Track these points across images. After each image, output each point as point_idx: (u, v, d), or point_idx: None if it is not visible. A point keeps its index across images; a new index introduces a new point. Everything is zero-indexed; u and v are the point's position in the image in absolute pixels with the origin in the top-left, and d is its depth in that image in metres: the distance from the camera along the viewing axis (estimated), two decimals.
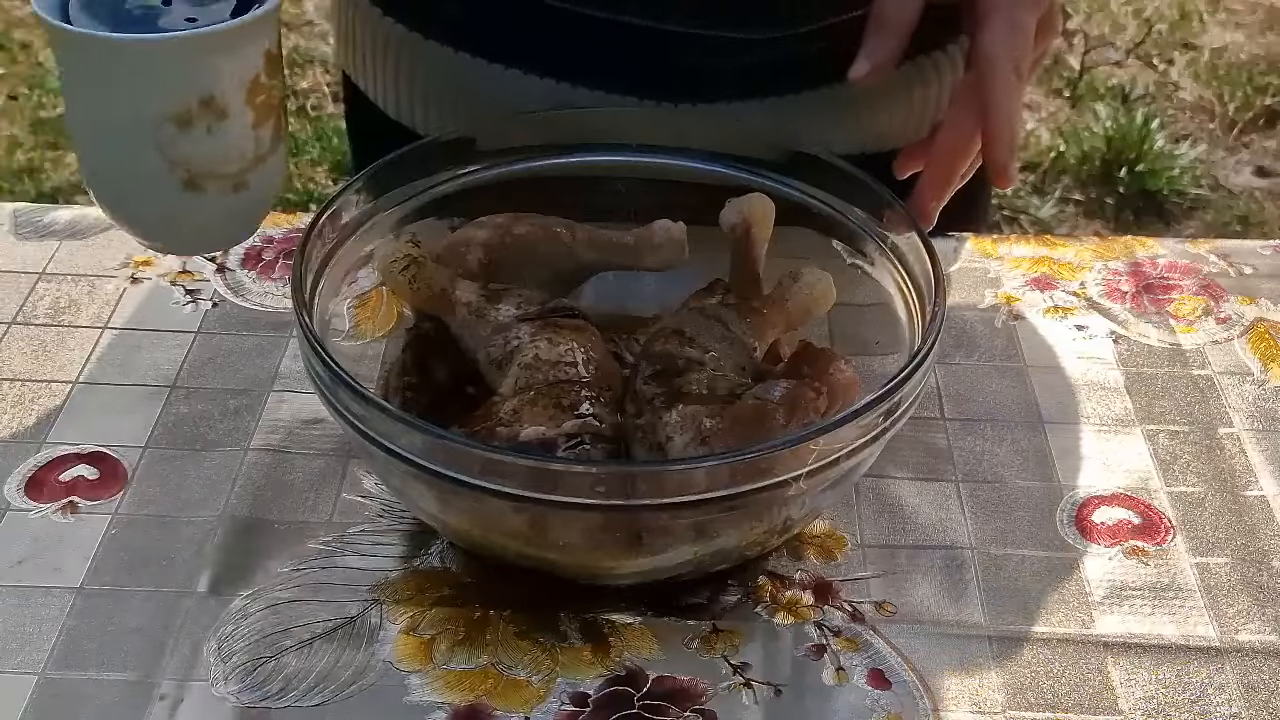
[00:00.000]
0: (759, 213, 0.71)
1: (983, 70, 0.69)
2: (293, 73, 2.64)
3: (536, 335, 0.65)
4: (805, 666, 0.61)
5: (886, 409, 0.59)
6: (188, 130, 0.58)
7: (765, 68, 0.82)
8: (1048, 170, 2.43)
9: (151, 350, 0.76)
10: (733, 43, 0.81)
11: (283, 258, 0.83)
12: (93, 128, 0.60)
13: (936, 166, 0.72)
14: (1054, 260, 0.85)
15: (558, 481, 0.57)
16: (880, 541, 0.67)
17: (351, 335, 0.73)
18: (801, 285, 0.68)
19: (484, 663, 0.61)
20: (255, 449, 0.70)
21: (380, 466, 0.63)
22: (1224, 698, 0.60)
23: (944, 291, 0.64)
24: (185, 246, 0.66)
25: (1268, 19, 2.87)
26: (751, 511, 0.60)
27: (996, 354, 0.78)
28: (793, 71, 0.83)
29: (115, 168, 0.61)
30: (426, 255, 0.68)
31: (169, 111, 0.59)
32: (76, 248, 0.84)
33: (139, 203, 0.62)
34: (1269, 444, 0.73)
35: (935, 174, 0.72)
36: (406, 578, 0.64)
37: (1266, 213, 2.39)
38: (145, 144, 0.59)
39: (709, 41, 0.81)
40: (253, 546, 0.65)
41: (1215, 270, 0.85)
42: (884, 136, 0.86)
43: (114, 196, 0.63)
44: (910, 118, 0.86)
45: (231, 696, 0.59)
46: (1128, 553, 0.67)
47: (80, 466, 0.69)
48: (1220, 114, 2.59)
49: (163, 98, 0.58)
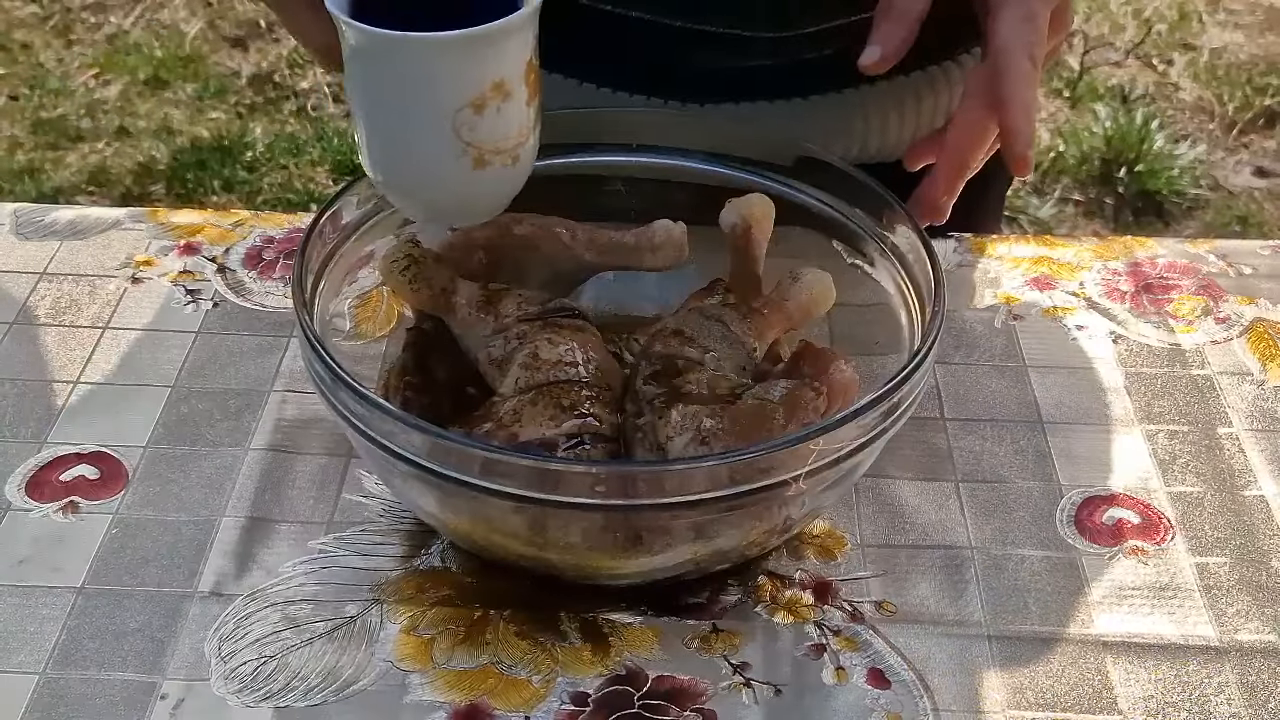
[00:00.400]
0: (759, 213, 0.71)
1: (998, 62, 0.67)
2: (293, 73, 2.64)
3: (536, 335, 0.65)
4: (805, 666, 0.61)
5: (886, 409, 0.59)
6: (481, 114, 0.60)
7: (772, 70, 0.82)
8: (1047, 170, 2.43)
9: (152, 350, 0.76)
10: (739, 40, 0.81)
11: (283, 258, 0.83)
12: (392, 119, 0.61)
13: (949, 160, 0.70)
14: (1053, 260, 0.85)
15: (558, 481, 0.57)
16: (880, 541, 0.67)
17: (352, 335, 0.74)
18: (801, 285, 0.68)
19: (484, 663, 0.61)
20: (255, 449, 0.71)
21: (380, 466, 0.63)
22: (1223, 698, 0.60)
23: (944, 291, 0.64)
24: (465, 219, 0.68)
25: (1268, 19, 2.87)
26: (751, 511, 0.60)
27: (996, 354, 0.78)
28: (799, 75, 0.83)
29: (412, 155, 0.62)
30: (426, 255, 0.68)
31: (469, 98, 0.60)
32: (77, 248, 0.84)
33: (434, 186, 0.63)
34: (1268, 444, 0.73)
35: (948, 167, 0.70)
36: (406, 578, 0.64)
37: (1266, 213, 2.38)
38: (445, 131, 0.60)
39: (716, 39, 0.81)
40: (253, 546, 0.65)
41: (1214, 270, 0.85)
42: (891, 146, 0.86)
43: (408, 182, 0.64)
44: (919, 128, 0.86)
45: (232, 696, 0.59)
46: (1127, 553, 0.67)
47: (81, 466, 0.69)
48: (1220, 114, 2.59)
49: (466, 87, 0.60)
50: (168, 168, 2.38)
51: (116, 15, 2.79)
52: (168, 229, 0.86)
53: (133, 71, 2.61)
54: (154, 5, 2.82)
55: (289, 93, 2.59)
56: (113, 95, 2.56)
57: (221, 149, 2.41)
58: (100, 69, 2.63)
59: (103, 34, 2.74)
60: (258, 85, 2.61)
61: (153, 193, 2.33)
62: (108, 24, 2.76)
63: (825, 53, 0.81)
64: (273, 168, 2.40)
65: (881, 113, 0.84)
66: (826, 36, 0.81)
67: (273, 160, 2.41)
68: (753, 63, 0.81)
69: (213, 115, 2.52)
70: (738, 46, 0.81)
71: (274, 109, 2.55)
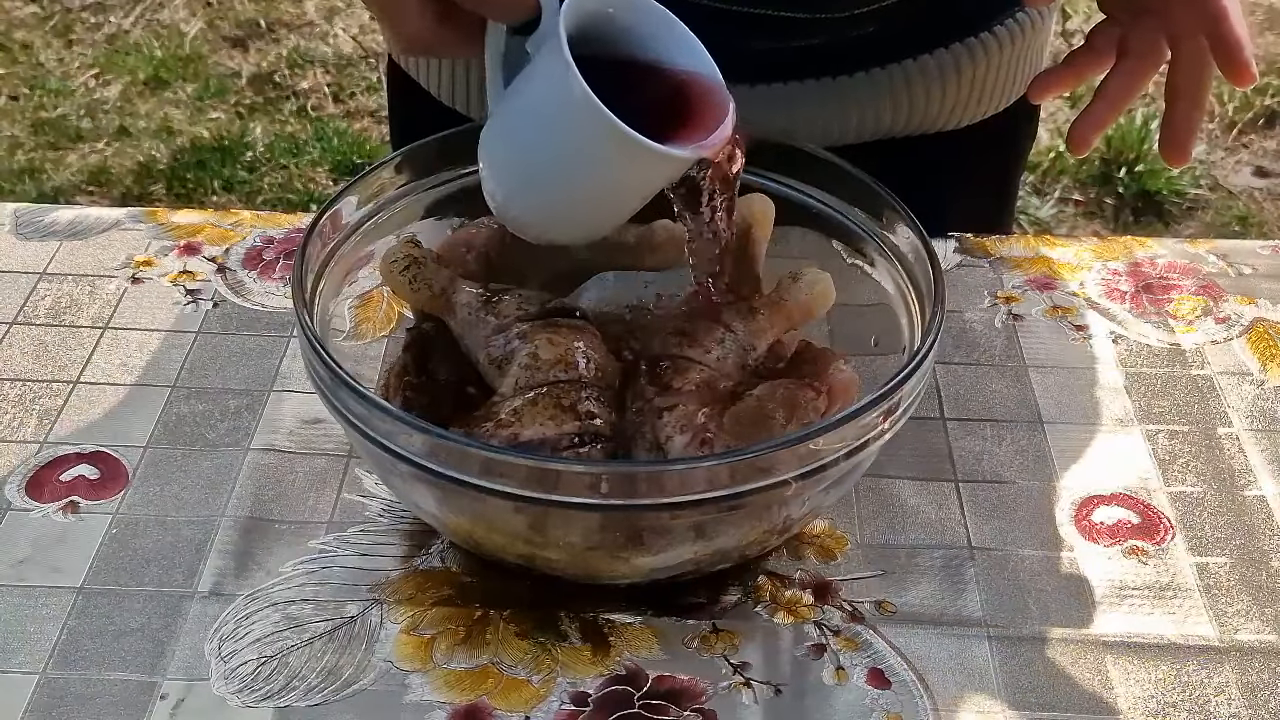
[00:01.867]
0: (759, 213, 0.71)
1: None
2: (293, 73, 2.64)
3: (536, 335, 0.65)
4: (805, 666, 0.61)
5: (886, 409, 0.59)
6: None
7: (812, 50, 0.83)
8: (1047, 170, 2.43)
9: (152, 350, 0.76)
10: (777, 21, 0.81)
11: (283, 258, 0.83)
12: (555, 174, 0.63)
13: (1108, 101, 0.73)
14: (1054, 260, 0.85)
15: (558, 481, 0.57)
16: (880, 541, 0.67)
17: (352, 335, 0.74)
18: (801, 285, 0.68)
19: (484, 663, 0.61)
20: (255, 449, 0.71)
21: (380, 466, 0.63)
22: (1224, 698, 0.60)
23: (944, 291, 0.64)
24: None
25: (1268, 19, 2.87)
26: (751, 511, 0.60)
27: (996, 354, 0.78)
28: (840, 55, 0.83)
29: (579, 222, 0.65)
30: (426, 255, 0.68)
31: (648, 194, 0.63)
32: (77, 248, 0.84)
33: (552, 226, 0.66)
34: (1268, 444, 0.73)
35: (1105, 107, 0.73)
36: (406, 578, 0.64)
37: (1266, 213, 2.38)
38: (624, 213, 0.64)
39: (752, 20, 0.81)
40: (253, 546, 0.65)
41: (1214, 270, 0.85)
42: (930, 118, 0.88)
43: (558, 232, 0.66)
44: (959, 100, 0.88)
45: (232, 696, 0.59)
46: (1127, 552, 0.67)
47: (81, 466, 0.69)
48: (1220, 114, 2.59)
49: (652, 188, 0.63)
50: (168, 168, 2.38)
51: (116, 15, 2.79)
52: (168, 229, 0.86)
53: (133, 72, 2.61)
54: (154, 5, 2.82)
55: (289, 93, 2.59)
56: (113, 95, 2.56)
57: (221, 149, 2.41)
58: (100, 69, 2.63)
59: (103, 34, 2.74)
60: (258, 85, 2.61)
61: (153, 193, 2.32)
62: (108, 24, 2.76)
63: (866, 31, 0.82)
64: (273, 168, 2.40)
65: (923, 87, 0.86)
66: (867, 17, 0.82)
67: (273, 160, 2.41)
68: (795, 43, 0.82)
69: (213, 115, 2.52)
70: (781, 27, 0.81)
71: (274, 109, 2.55)
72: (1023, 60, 0.90)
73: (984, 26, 0.87)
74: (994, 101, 0.90)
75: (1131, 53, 0.73)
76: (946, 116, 0.88)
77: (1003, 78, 0.89)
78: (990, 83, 0.88)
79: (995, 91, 0.90)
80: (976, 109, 0.90)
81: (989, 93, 0.89)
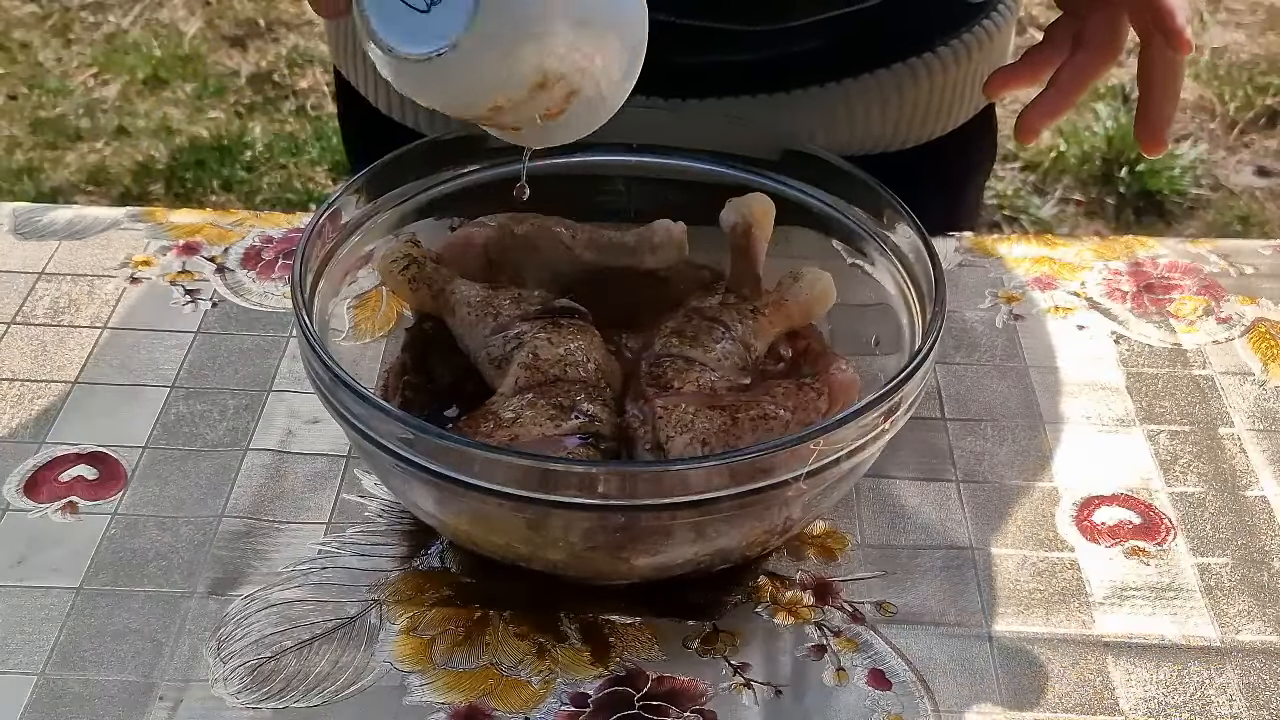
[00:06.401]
0: (759, 213, 0.71)
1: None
2: (292, 73, 2.64)
3: (536, 335, 0.65)
4: (805, 667, 0.61)
5: (886, 409, 0.59)
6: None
7: (756, 65, 0.82)
8: (1048, 170, 2.42)
9: (151, 350, 0.76)
10: (722, 35, 0.81)
11: (282, 258, 0.83)
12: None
13: (1060, 90, 0.72)
14: (1054, 260, 0.85)
15: (558, 481, 0.57)
16: (880, 541, 0.67)
17: (351, 335, 0.73)
18: (801, 285, 0.68)
19: (484, 663, 0.61)
20: (255, 449, 0.70)
21: (380, 466, 0.63)
22: (1224, 698, 0.60)
23: (944, 291, 0.64)
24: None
25: (1268, 19, 2.87)
26: (752, 512, 0.60)
27: (996, 354, 0.78)
28: (783, 69, 0.83)
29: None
30: (426, 255, 0.68)
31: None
32: (76, 247, 0.84)
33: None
34: (1269, 444, 0.73)
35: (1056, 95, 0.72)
36: (406, 578, 0.64)
37: (1267, 213, 2.38)
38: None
39: (698, 34, 0.80)
40: (253, 546, 0.65)
41: (1216, 270, 0.85)
42: (874, 137, 0.86)
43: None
44: (900, 120, 0.87)
45: (231, 697, 0.59)
46: (1128, 553, 0.67)
47: (80, 466, 0.69)
48: (1221, 114, 2.59)
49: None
50: (166, 167, 2.38)
51: (115, 14, 2.79)
52: (166, 229, 0.85)
53: (131, 71, 2.61)
54: (153, 4, 2.81)
55: (288, 92, 2.59)
56: (111, 95, 2.56)
57: (220, 149, 2.41)
58: (99, 68, 2.63)
59: (101, 33, 2.74)
60: (257, 85, 2.61)
61: (151, 192, 2.32)
62: (106, 23, 2.76)
63: (809, 46, 0.81)
64: (272, 167, 2.39)
65: (865, 105, 0.85)
66: (809, 31, 0.81)
67: (272, 160, 2.41)
68: (736, 58, 0.82)
69: (212, 115, 2.52)
70: (721, 41, 0.81)
71: (273, 108, 2.55)
72: (973, 79, 0.88)
73: (929, 46, 0.86)
74: (940, 122, 0.89)
75: (1087, 44, 0.72)
76: (890, 138, 0.87)
77: (949, 98, 0.88)
78: (936, 103, 0.87)
79: (941, 112, 0.88)
80: (922, 129, 0.88)
81: (933, 113, 0.88)
